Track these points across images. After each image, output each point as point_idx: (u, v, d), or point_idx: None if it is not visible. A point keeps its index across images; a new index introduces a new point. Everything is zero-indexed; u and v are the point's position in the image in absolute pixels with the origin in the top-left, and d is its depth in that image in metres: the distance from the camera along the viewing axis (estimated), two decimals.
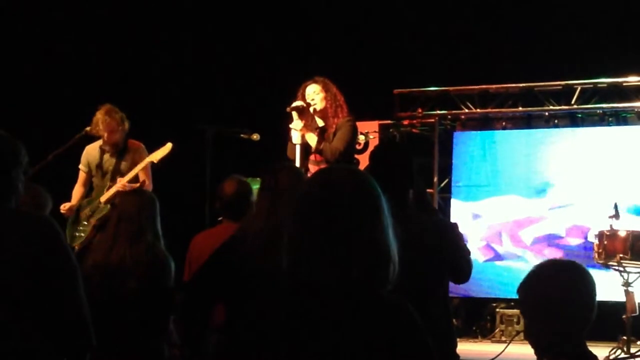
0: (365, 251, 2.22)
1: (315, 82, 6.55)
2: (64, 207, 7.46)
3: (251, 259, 3.73)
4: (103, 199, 7.44)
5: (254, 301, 2.32)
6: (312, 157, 6.41)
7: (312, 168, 6.30)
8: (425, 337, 2.23)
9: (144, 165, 7.33)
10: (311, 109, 6.48)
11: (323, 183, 2.31)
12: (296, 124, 6.46)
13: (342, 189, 2.26)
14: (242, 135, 8.13)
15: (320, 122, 6.49)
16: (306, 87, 6.55)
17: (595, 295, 2.87)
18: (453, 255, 4.13)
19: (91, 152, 7.64)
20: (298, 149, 6.43)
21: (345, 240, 2.21)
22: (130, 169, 7.46)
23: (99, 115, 7.41)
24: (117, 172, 7.48)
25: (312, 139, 6.44)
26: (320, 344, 2.17)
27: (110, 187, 7.45)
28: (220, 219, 5.58)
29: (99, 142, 7.57)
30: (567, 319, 2.82)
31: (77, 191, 7.65)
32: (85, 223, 7.41)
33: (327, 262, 2.20)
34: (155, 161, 7.28)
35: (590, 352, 2.88)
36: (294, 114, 6.48)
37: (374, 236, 2.24)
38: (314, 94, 6.49)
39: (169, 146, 7.31)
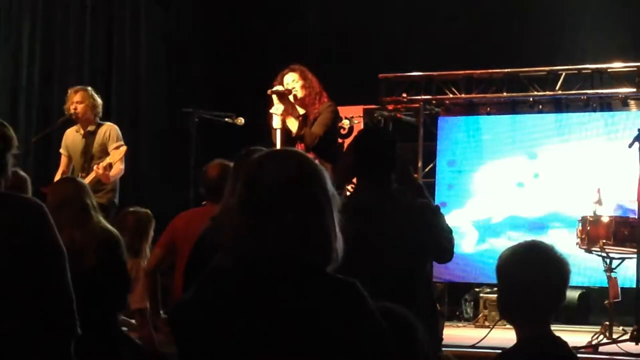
0: (299, 230, 2.24)
1: (293, 70, 6.52)
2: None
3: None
4: None
5: (197, 282, 2.36)
6: (297, 146, 6.35)
7: None
8: (375, 315, 2.25)
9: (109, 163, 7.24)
10: (291, 97, 6.44)
11: (262, 164, 2.34)
12: (277, 108, 6.43)
13: (279, 169, 2.29)
14: (226, 119, 8.12)
15: (301, 110, 6.46)
16: (284, 75, 6.52)
17: (567, 278, 2.90)
18: (436, 235, 4.13)
19: (69, 134, 7.71)
20: (278, 133, 6.39)
21: (278, 219, 2.24)
22: (99, 149, 7.50)
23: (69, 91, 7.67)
24: (89, 154, 7.50)
25: (292, 124, 6.41)
26: (258, 324, 2.20)
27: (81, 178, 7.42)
28: (204, 203, 5.57)
29: (77, 126, 7.64)
30: (537, 301, 2.86)
31: (60, 175, 7.61)
32: None
33: (259, 239, 2.24)
34: (113, 163, 7.21)
35: (557, 336, 2.92)
36: (275, 98, 6.45)
37: (309, 216, 2.26)
38: (293, 82, 6.46)
39: (123, 149, 7.33)
